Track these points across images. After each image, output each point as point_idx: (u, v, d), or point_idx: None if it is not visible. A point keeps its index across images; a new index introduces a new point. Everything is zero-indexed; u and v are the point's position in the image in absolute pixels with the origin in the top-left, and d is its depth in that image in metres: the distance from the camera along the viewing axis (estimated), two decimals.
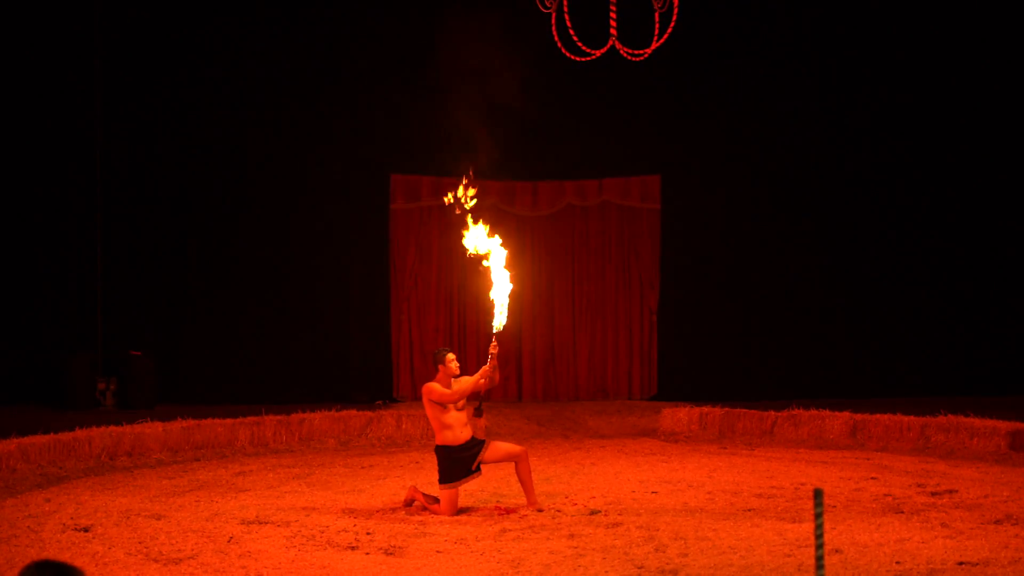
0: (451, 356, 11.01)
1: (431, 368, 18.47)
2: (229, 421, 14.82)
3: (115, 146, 17.75)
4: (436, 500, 10.93)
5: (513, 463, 11.02)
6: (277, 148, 17.98)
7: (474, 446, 10.90)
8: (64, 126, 17.68)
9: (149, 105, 17.81)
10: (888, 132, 18.36)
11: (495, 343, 10.87)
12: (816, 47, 18.22)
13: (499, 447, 11.04)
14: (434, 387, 10.78)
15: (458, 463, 10.81)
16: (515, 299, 18.58)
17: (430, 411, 10.83)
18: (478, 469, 10.91)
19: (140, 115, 17.82)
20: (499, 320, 10.93)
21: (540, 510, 10.77)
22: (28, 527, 10.13)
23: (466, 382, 10.85)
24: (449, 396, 10.75)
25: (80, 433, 13.55)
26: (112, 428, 13.93)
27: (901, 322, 18.38)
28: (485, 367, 10.80)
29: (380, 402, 17.71)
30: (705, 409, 16.08)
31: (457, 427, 10.81)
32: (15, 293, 17.62)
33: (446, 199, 11.11)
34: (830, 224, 18.45)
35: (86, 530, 10.06)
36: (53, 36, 17.58)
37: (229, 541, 9.68)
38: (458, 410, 10.81)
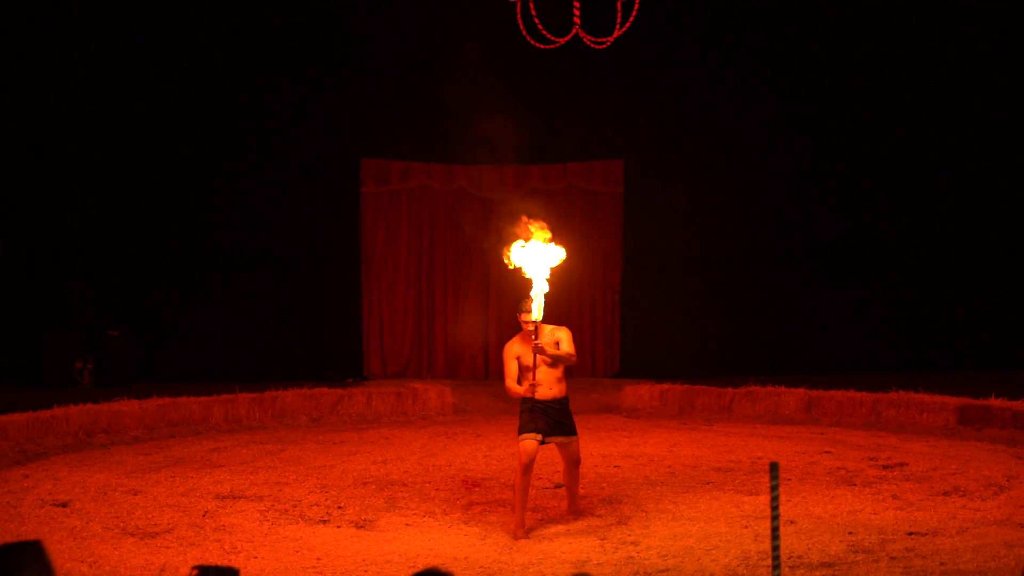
0: (524, 315, 9.88)
1: (399, 347, 18.84)
2: (204, 399, 14.89)
3: (93, 126, 17.72)
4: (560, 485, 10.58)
5: (564, 463, 9.97)
6: (251, 131, 18.01)
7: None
8: (40, 106, 17.64)
9: (126, 87, 17.79)
10: (846, 117, 18.56)
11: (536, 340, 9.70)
12: (775, 32, 18.40)
13: (575, 448, 9.82)
14: (506, 354, 9.86)
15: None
16: (482, 281, 18.91)
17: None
18: (543, 442, 9.60)
19: (116, 97, 17.81)
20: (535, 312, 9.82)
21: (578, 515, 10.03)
22: (7, 503, 10.29)
23: (517, 388, 9.68)
24: (506, 382, 9.82)
25: (58, 411, 13.64)
26: (89, 406, 14.04)
27: (854, 301, 18.62)
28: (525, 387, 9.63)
29: (351, 380, 17.87)
30: (666, 386, 16.25)
31: (544, 385, 9.64)
32: None
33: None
34: (786, 207, 18.64)
35: (64, 505, 10.24)
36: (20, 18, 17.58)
37: (204, 515, 9.90)
38: (550, 366, 9.67)
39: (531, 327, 9.70)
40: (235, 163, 18.08)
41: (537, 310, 9.73)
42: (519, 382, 9.68)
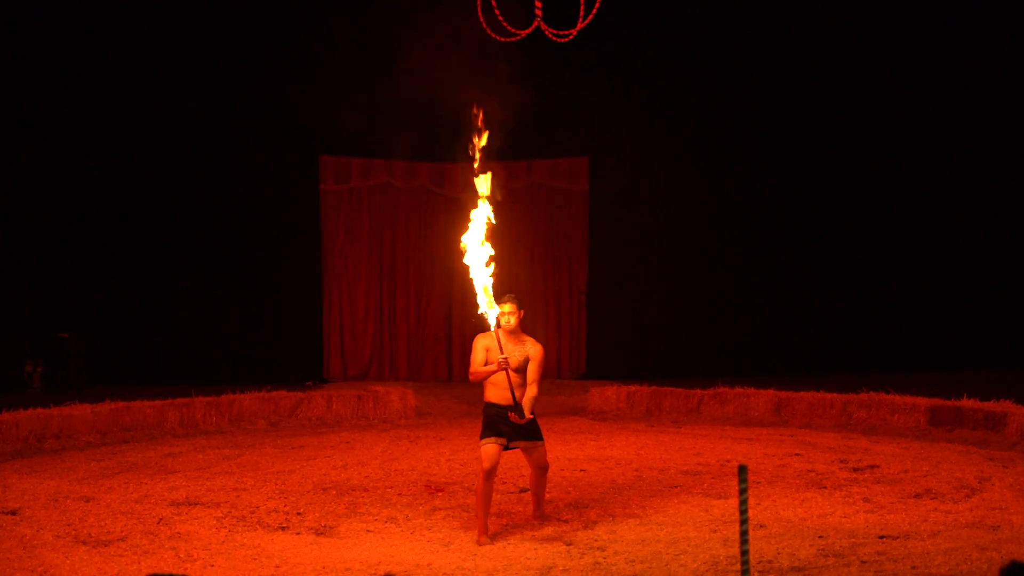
0: (504, 307, 9.78)
1: (361, 349, 18.69)
2: (158, 403, 14.79)
3: (42, 128, 17.56)
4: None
5: (531, 468, 9.76)
6: (207, 129, 17.91)
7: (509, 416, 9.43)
8: None
9: (77, 84, 17.63)
10: (816, 115, 18.63)
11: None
12: (742, 26, 18.42)
13: (541, 453, 9.54)
14: (475, 344, 9.74)
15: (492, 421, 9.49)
16: (445, 280, 18.80)
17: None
18: (507, 447, 9.40)
19: (69, 94, 17.63)
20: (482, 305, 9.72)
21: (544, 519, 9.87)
22: None
23: (482, 369, 9.58)
24: (471, 368, 9.70)
25: (7, 415, 13.44)
26: (40, 410, 13.85)
27: (823, 301, 18.71)
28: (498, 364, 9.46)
29: (310, 383, 17.76)
30: (633, 387, 16.25)
31: (493, 388, 9.52)
32: None
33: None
34: (754, 206, 18.73)
35: (14, 513, 10.05)
36: None
37: (159, 522, 9.73)
38: (515, 371, 9.47)
39: (502, 319, 9.68)
40: (192, 162, 17.98)
41: (485, 303, 9.72)
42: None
